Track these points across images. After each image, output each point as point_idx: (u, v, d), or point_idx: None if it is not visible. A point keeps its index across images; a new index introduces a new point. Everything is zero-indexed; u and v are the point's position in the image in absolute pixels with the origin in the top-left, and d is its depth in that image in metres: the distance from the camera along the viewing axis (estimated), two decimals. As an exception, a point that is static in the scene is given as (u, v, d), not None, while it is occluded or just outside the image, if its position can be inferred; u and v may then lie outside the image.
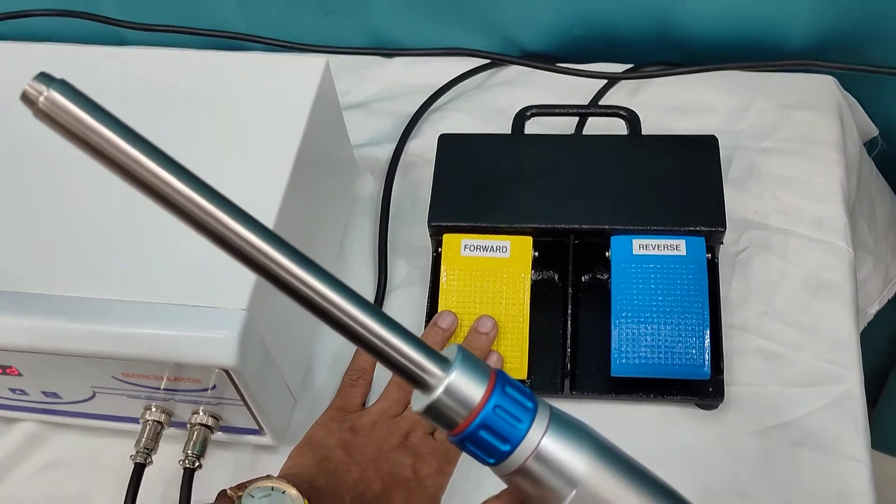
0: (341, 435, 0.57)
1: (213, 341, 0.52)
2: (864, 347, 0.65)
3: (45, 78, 0.29)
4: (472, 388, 0.33)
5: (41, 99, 0.29)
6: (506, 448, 0.33)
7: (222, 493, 0.52)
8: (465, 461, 0.58)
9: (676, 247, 0.61)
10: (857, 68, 0.69)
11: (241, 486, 0.51)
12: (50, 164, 0.61)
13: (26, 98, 0.29)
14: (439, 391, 0.33)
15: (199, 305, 0.53)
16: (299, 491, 0.50)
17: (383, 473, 0.55)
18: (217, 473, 0.63)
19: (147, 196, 0.30)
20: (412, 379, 0.33)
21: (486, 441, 0.33)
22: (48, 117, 0.29)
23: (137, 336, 0.52)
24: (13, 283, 0.54)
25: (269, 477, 0.52)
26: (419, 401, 0.34)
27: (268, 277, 0.31)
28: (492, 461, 0.34)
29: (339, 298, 0.32)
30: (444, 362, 0.33)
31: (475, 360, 0.34)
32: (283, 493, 0.50)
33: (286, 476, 0.53)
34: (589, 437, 0.35)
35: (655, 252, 0.62)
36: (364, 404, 0.61)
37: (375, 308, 0.33)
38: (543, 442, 0.33)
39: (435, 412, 0.33)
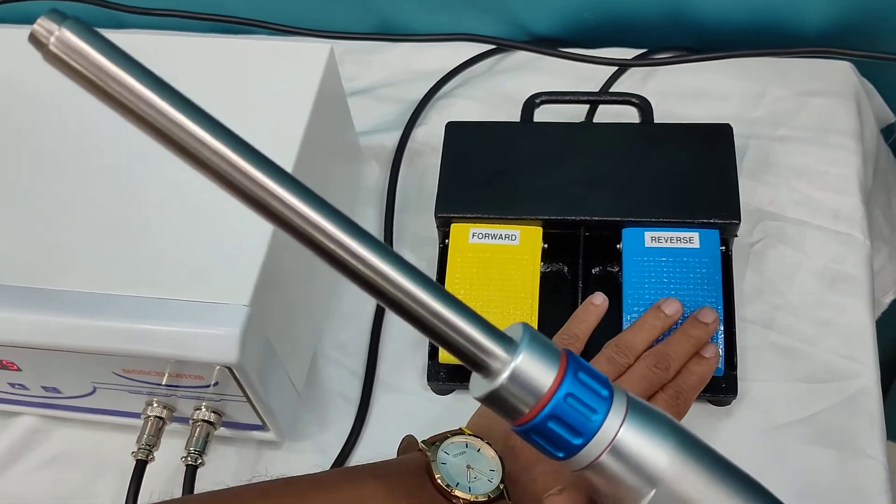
0: None
1: (215, 338, 0.50)
2: (878, 337, 0.64)
3: (56, 15, 0.25)
4: (540, 374, 0.29)
5: (52, 39, 0.25)
6: (578, 441, 0.30)
7: (412, 442, 0.49)
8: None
9: (690, 239, 0.60)
10: (875, 56, 0.68)
11: (433, 440, 0.48)
12: (50, 155, 0.59)
13: (35, 39, 0.25)
14: (503, 377, 0.29)
15: (200, 301, 0.51)
16: (493, 447, 0.47)
17: None
18: (220, 469, 0.62)
19: (170, 149, 0.27)
20: (470, 361, 0.29)
21: (555, 433, 0.30)
22: (60, 61, 0.25)
23: (138, 332, 0.51)
24: (11, 276, 0.53)
25: (461, 431, 0.48)
26: (479, 387, 0.30)
27: (307, 244, 0.28)
28: (561, 455, 0.30)
29: (388, 268, 0.28)
30: (508, 343, 0.29)
31: (544, 341, 0.30)
32: (479, 450, 0.47)
33: (477, 428, 0.50)
34: (672, 427, 0.31)
35: (668, 245, 0.60)
36: None
37: (427, 278, 0.29)
38: (620, 434, 0.30)
39: (497, 400, 0.29)
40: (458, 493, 0.45)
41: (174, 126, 0.26)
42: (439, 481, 0.45)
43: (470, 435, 0.48)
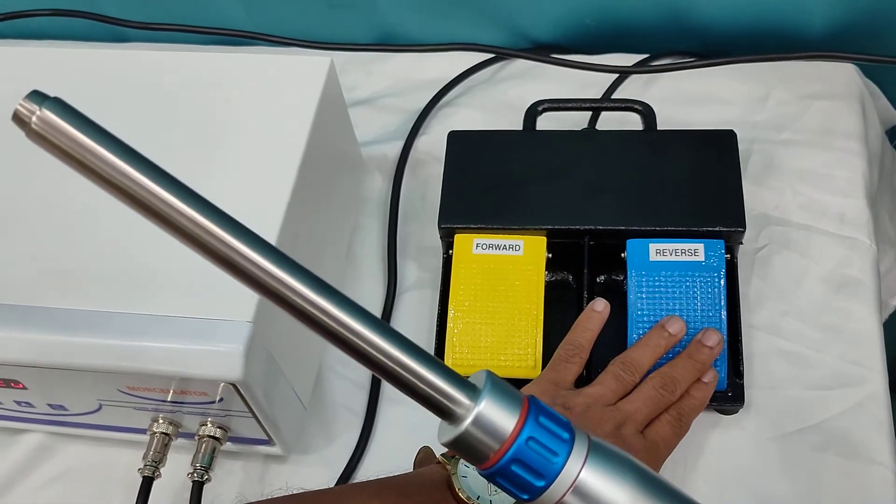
0: (553, 409, 0.54)
1: (218, 355, 0.50)
2: (886, 339, 0.64)
3: (37, 96, 0.27)
4: (502, 419, 0.31)
5: (33, 119, 0.27)
6: (540, 484, 0.31)
7: (429, 454, 0.50)
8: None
9: (695, 251, 0.60)
10: (879, 59, 0.67)
11: (452, 453, 0.48)
12: (52, 173, 0.59)
13: (18, 119, 0.27)
14: (467, 422, 0.30)
15: (204, 318, 0.51)
16: None
17: None
18: (227, 483, 0.62)
19: (150, 219, 0.29)
20: (436, 408, 0.31)
21: (519, 476, 0.31)
22: (42, 138, 0.27)
23: (142, 350, 0.51)
24: (14, 296, 0.53)
25: None
26: (445, 433, 0.31)
27: (275, 300, 0.29)
28: (526, 497, 0.32)
29: (352, 322, 0.30)
30: (471, 390, 0.31)
31: (505, 387, 0.32)
32: None
33: None
34: (632, 468, 0.32)
35: (673, 258, 0.60)
36: (575, 383, 0.58)
37: (393, 331, 0.30)
38: (582, 476, 0.31)
39: (462, 445, 0.31)
40: None
41: (154, 199, 0.28)
42: (461, 495, 0.46)
43: None
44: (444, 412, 0.31)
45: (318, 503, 0.46)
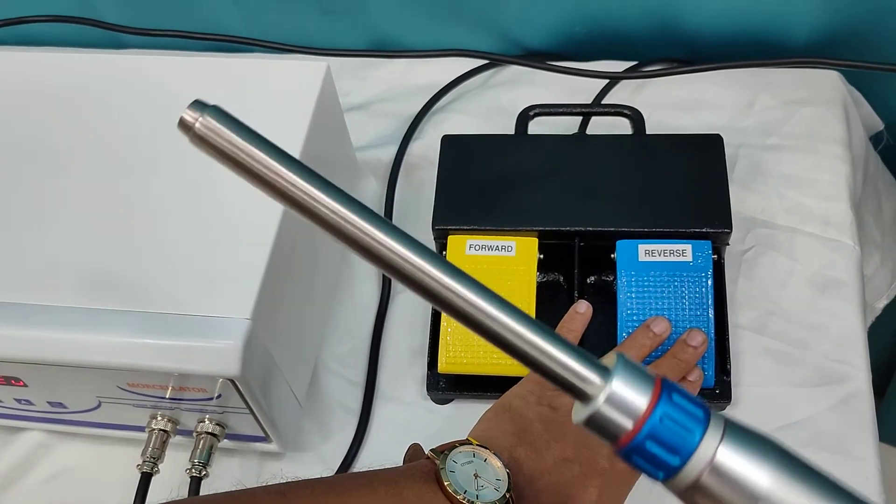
0: (540, 409, 0.54)
1: (216, 351, 0.51)
2: (872, 341, 0.65)
3: (199, 105, 0.31)
4: (635, 397, 0.31)
5: (196, 125, 0.31)
6: (676, 461, 0.31)
7: (418, 450, 0.52)
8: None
9: (682, 252, 0.61)
10: (863, 66, 0.69)
11: (442, 449, 0.50)
12: (51, 172, 0.61)
13: (183, 125, 0.31)
14: (600, 401, 0.31)
15: (202, 315, 0.52)
16: (500, 459, 0.49)
17: (582, 458, 0.52)
18: (224, 480, 0.62)
19: (303, 216, 0.31)
20: (570, 389, 0.31)
21: (653, 453, 0.31)
22: (204, 141, 0.31)
23: (142, 346, 0.52)
24: (14, 294, 0.54)
25: (468, 441, 0.50)
26: (579, 412, 0.32)
27: (417, 290, 0.31)
28: (661, 475, 0.31)
29: (491, 308, 0.31)
30: (603, 370, 0.31)
31: (637, 367, 0.32)
32: (485, 460, 0.49)
33: (483, 438, 0.52)
34: (772, 447, 0.31)
35: (661, 258, 0.61)
36: None
37: (527, 315, 0.31)
38: (719, 454, 0.30)
39: (596, 424, 0.31)
40: (466, 500, 0.46)
41: (299, 191, 0.30)
42: (448, 488, 0.47)
43: (477, 445, 0.50)
44: (577, 392, 0.31)
45: (311, 490, 0.47)
